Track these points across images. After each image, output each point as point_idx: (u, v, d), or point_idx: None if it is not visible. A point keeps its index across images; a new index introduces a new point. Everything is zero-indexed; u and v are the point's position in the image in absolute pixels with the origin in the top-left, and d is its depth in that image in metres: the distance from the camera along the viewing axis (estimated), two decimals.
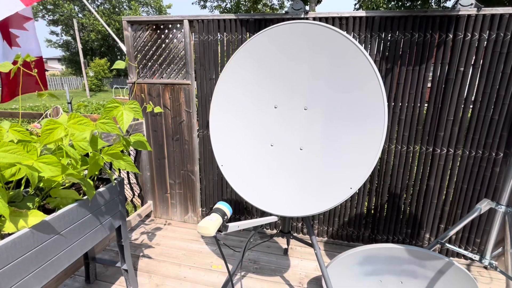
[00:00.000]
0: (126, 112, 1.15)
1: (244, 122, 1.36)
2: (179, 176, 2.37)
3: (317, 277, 1.83)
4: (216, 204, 0.73)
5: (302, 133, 1.24)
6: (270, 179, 1.30)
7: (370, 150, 1.07)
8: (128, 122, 1.12)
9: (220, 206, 0.71)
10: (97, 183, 1.46)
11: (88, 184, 1.17)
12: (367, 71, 1.07)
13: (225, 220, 0.69)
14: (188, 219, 2.47)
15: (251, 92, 1.34)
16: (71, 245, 1.15)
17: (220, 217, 0.68)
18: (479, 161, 1.80)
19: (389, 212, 2.05)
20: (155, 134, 2.31)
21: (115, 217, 1.43)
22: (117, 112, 1.13)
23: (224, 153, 1.39)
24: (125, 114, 1.13)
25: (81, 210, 1.18)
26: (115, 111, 1.14)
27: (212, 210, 0.71)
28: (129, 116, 1.14)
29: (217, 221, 0.66)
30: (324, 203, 1.14)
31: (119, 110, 1.14)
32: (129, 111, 1.16)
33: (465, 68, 1.68)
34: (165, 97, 2.20)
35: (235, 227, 0.76)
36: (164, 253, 2.04)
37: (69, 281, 1.72)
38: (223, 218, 0.69)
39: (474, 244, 1.96)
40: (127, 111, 1.15)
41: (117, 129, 1.07)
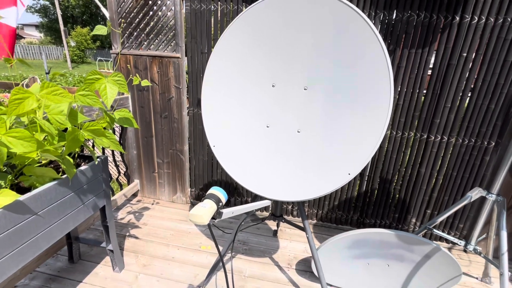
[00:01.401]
0: (109, 85, 1.03)
1: (239, 101, 1.27)
2: (167, 155, 2.28)
3: (305, 258, 1.86)
4: (210, 190, 0.66)
5: (300, 114, 1.18)
6: (264, 162, 1.24)
7: (371, 135, 1.03)
8: (113, 96, 1.01)
9: (214, 192, 0.65)
10: (79, 161, 1.36)
11: (67, 162, 1.07)
12: (374, 51, 0.99)
13: (219, 207, 0.63)
14: (176, 199, 2.42)
15: (248, 69, 1.24)
16: (50, 226, 1.07)
17: (214, 203, 0.62)
18: (471, 150, 1.81)
19: (378, 197, 2.06)
20: (142, 111, 2.18)
21: (99, 196, 1.35)
22: (99, 85, 1.01)
23: (216, 133, 1.30)
24: (108, 88, 1.01)
25: (61, 189, 1.09)
26: (97, 84, 1.02)
27: (205, 196, 0.65)
28: (113, 90, 1.03)
29: (211, 208, 0.60)
30: (320, 188, 1.10)
31: (101, 82, 1.02)
32: (113, 84, 1.04)
33: (468, 54, 1.63)
34: (152, 70, 2.05)
35: (229, 213, 0.70)
36: (152, 233, 2.00)
37: (51, 260, 1.66)
38: (218, 205, 0.63)
39: (457, 229, 2.03)
40: (111, 84, 1.04)
41: (99, 103, 0.97)
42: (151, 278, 1.60)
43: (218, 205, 0.63)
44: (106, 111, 1.10)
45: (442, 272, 1.44)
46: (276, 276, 1.68)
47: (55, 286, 1.49)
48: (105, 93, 1.00)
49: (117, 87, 1.07)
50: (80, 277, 1.56)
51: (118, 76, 1.07)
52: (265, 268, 1.74)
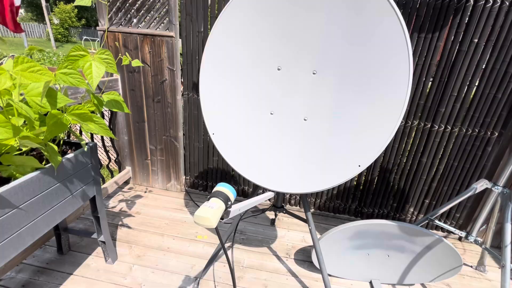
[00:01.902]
0: (95, 63, 0.91)
1: (241, 85, 1.17)
2: (160, 141, 2.17)
3: (304, 248, 1.83)
4: (216, 186, 0.58)
5: (307, 101, 1.09)
6: (268, 152, 1.16)
7: (384, 124, 0.96)
8: (99, 76, 0.90)
9: (222, 189, 0.57)
10: (65, 148, 1.25)
11: (51, 149, 0.96)
12: (394, 33, 0.90)
13: (228, 206, 0.56)
14: (170, 187, 2.34)
15: (252, 49, 1.13)
16: (35, 220, 0.98)
17: (222, 203, 0.54)
18: (474, 140, 1.78)
19: (378, 186, 2.04)
20: (133, 94, 2.04)
21: (88, 186, 1.26)
22: (84, 62, 0.89)
23: (216, 119, 1.21)
24: (94, 66, 0.89)
25: (45, 180, 0.99)
26: (81, 62, 0.90)
27: (211, 194, 0.56)
28: (99, 69, 0.91)
29: (219, 209, 0.52)
30: (328, 180, 1.04)
31: (86, 60, 0.90)
32: (99, 62, 0.92)
33: (479, 40, 1.55)
34: (144, 50, 1.90)
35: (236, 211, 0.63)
36: (145, 222, 1.93)
37: (39, 252, 1.57)
38: (226, 205, 0.55)
39: (454, 218, 2.03)
40: (97, 63, 0.92)
41: (84, 82, 0.85)
42: (146, 269, 1.54)
43: (227, 204, 0.55)
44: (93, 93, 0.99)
45: (443, 262, 1.43)
46: (274, 266, 1.65)
47: (43, 279, 1.41)
48: (90, 72, 0.88)
49: (104, 66, 0.95)
50: (71, 269, 1.49)
51: (106, 53, 0.95)
52: (263, 258, 1.70)
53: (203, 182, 2.31)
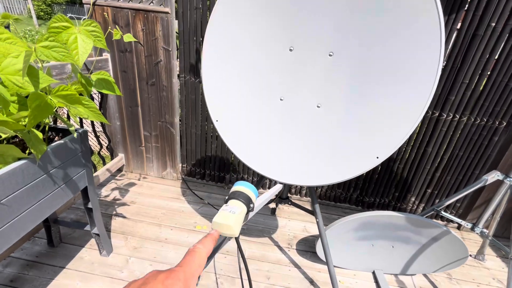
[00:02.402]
0: (82, 37, 0.78)
1: (249, 68, 1.06)
2: (155, 127, 2.05)
3: (305, 238, 1.80)
4: (235, 186, 0.49)
5: (321, 86, 1.00)
6: (277, 141, 1.07)
7: (408, 112, 0.88)
8: (86, 52, 0.77)
9: (242, 189, 0.47)
10: (51, 135, 1.13)
11: (34, 136, 0.85)
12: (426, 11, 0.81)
13: (250, 209, 0.47)
14: (166, 175, 2.24)
15: (260, 28, 1.02)
16: (19, 215, 0.88)
17: (244, 206, 0.45)
18: (481, 129, 1.74)
19: (380, 176, 2.00)
20: (125, 76, 1.89)
21: (79, 176, 1.15)
22: (67, 35, 0.76)
23: (220, 105, 1.10)
24: (80, 40, 0.77)
25: (29, 171, 0.89)
26: (64, 35, 0.77)
27: (230, 195, 0.47)
28: (86, 43, 0.79)
29: (241, 213, 0.43)
30: (342, 172, 0.97)
31: (71, 32, 0.77)
32: (86, 35, 0.79)
33: (496, 24, 1.47)
34: (136, 28, 1.74)
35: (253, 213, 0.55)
36: (141, 212, 1.85)
37: (28, 244, 1.48)
38: (249, 207, 0.47)
39: (454, 208, 2.03)
40: (84, 36, 0.79)
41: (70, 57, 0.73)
42: (144, 261, 1.48)
43: (249, 207, 0.47)
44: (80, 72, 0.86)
45: (448, 254, 1.42)
46: (277, 256, 1.62)
47: (34, 273, 1.33)
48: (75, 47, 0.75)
49: (92, 39, 0.82)
50: (63, 262, 1.40)
51: (93, 25, 0.82)
52: (265, 249, 1.66)
53: (201, 170, 2.22)
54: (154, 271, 0.29)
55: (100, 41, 0.83)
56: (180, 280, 0.28)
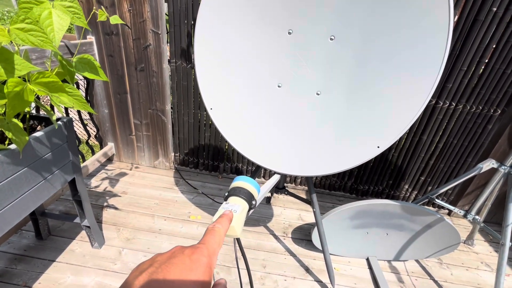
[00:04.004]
0: (57, 12, 0.70)
1: (244, 53, 1.00)
2: (146, 115, 1.97)
3: (300, 226, 1.80)
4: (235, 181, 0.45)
5: (323, 72, 0.95)
6: (274, 129, 1.03)
7: (410, 99, 0.85)
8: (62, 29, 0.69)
9: (243, 184, 0.43)
10: (33, 124, 1.06)
11: (14, 126, 0.78)
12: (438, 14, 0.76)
13: (252, 206, 0.43)
14: (158, 164, 2.19)
15: (257, 10, 0.95)
16: (1, 211, 0.82)
17: (246, 203, 0.42)
18: (476, 117, 1.74)
19: (375, 164, 2.00)
20: (112, 61, 1.79)
21: (66, 169, 1.09)
22: (40, 10, 0.68)
23: (214, 92, 1.05)
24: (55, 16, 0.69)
25: (10, 163, 0.82)
26: (36, 10, 0.69)
27: (230, 192, 0.43)
28: (62, 19, 0.71)
29: (243, 212, 0.40)
30: (342, 161, 0.94)
31: (44, 8, 0.69)
32: (62, 12, 0.71)
33: (498, 9, 1.43)
34: (122, 8, 1.62)
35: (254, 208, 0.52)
36: (133, 202, 1.80)
37: (15, 238, 1.42)
38: (250, 205, 0.43)
39: (445, 195, 2.07)
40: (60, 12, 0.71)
41: (49, 42, 0.66)
42: (137, 253, 1.45)
43: (251, 204, 0.43)
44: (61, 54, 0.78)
45: (441, 240, 1.44)
46: (272, 245, 1.62)
47: (22, 267, 1.28)
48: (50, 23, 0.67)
49: (69, 16, 0.74)
50: (53, 255, 1.36)
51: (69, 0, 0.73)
52: (260, 238, 1.66)
53: (194, 159, 2.17)
54: (179, 246, 0.30)
55: (79, 19, 0.75)
56: (205, 256, 0.29)
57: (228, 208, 0.39)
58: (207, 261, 0.28)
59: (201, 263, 0.28)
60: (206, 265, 0.28)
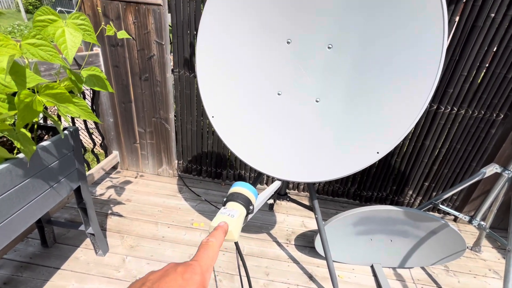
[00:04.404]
0: (70, 30, 0.74)
1: (244, 62, 1.03)
2: (150, 124, 2.01)
3: (303, 233, 1.79)
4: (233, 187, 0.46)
5: (321, 80, 0.97)
6: (275, 136, 1.05)
7: (408, 108, 0.86)
8: (75, 46, 0.73)
9: (241, 190, 0.45)
10: (41, 133, 1.09)
11: (22, 136, 0.81)
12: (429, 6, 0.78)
13: (250, 211, 0.45)
14: (162, 172, 2.21)
15: (256, 18, 0.98)
16: (8, 218, 0.84)
17: (243, 208, 0.43)
18: (478, 122, 1.73)
19: (378, 170, 1.99)
20: (117, 71, 1.84)
21: (71, 177, 1.12)
22: (54, 29, 0.72)
23: (215, 100, 1.07)
24: (68, 34, 0.73)
25: (18, 172, 0.85)
26: (51, 28, 0.72)
27: (228, 197, 0.45)
28: (75, 37, 0.74)
29: (240, 216, 0.41)
30: (342, 167, 0.95)
31: (57, 26, 0.73)
32: (74, 29, 0.75)
33: (496, 15, 1.45)
34: (127, 21, 1.68)
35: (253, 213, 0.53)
36: (137, 210, 1.82)
37: (21, 245, 1.45)
38: (248, 210, 0.44)
39: (451, 200, 2.04)
40: (72, 30, 0.75)
41: (59, 57, 0.69)
42: (140, 260, 1.45)
43: (249, 209, 0.45)
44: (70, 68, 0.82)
45: (446, 246, 1.42)
46: (275, 252, 1.61)
47: (28, 275, 1.30)
48: (63, 41, 0.71)
49: (81, 34, 0.78)
50: (57, 263, 1.38)
51: (81, 18, 0.77)
52: (263, 245, 1.65)
53: (197, 167, 2.19)
54: (172, 264, 0.30)
55: (89, 35, 0.79)
56: (197, 274, 0.29)
57: (226, 213, 0.40)
58: (200, 279, 0.28)
59: (194, 281, 0.28)
60: (199, 284, 0.28)
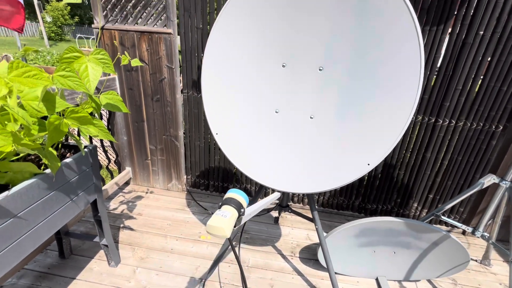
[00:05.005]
0: (91, 65, 0.87)
1: (245, 83, 1.14)
2: (160, 141, 2.14)
3: (308, 246, 1.82)
4: (227, 193, 0.55)
5: (314, 99, 1.06)
6: (274, 151, 1.13)
7: (394, 123, 0.93)
8: (96, 79, 0.86)
9: (234, 196, 0.54)
10: (63, 152, 1.21)
11: (50, 154, 0.93)
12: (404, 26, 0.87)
13: (241, 214, 0.53)
14: (172, 187, 2.31)
15: (255, 45, 1.10)
16: (35, 227, 0.95)
17: (235, 210, 0.51)
18: (478, 134, 1.76)
19: (382, 182, 2.02)
20: (131, 93, 2.00)
21: (89, 191, 1.22)
22: (79, 65, 0.85)
23: (219, 119, 1.18)
24: (90, 68, 0.86)
25: (44, 185, 0.96)
26: (76, 64, 0.86)
27: (223, 201, 0.54)
28: (96, 70, 0.87)
29: (232, 217, 0.49)
30: (337, 178, 1.01)
31: (81, 62, 0.86)
32: (95, 63, 0.88)
33: (485, 32, 1.52)
34: (141, 48, 1.85)
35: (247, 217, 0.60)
36: (148, 223, 1.90)
37: (40, 256, 1.55)
38: (239, 212, 0.53)
39: (457, 213, 2.03)
40: (94, 64, 0.88)
41: (83, 86, 0.81)
42: (150, 271, 1.52)
43: (240, 211, 0.53)
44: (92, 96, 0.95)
45: (450, 258, 1.42)
46: (280, 265, 1.64)
47: (46, 284, 1.39)
48: (86, 75, 0.84)
49: (101, 67, 0.91)
50: (73, 273, 1.46)
51: (101, 53, 0.91)
52: (268, 257, 1.69)
53: (205, 181, 2.28)
54: None
55: (108, 67, 0.92)
56: None
57: (220, 214, 0.49)
58: None
59: None
60: None
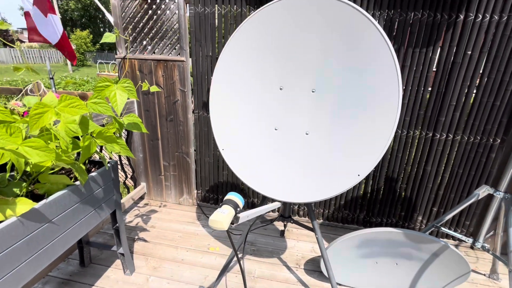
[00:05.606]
0: (119, 92, 1.05)
1: (247, 104, 1.29)
2: (173, 158, 2.30)
3: (313, 258, 1.87)
4: (227, 195, 0.68)
5: (308, 117, 1.19)
6: (274, 164, 1.25)
7: (380, 137, 1.04)
8: (123, 103, 1.03)
9: (232, 197, 0.67)
10: (89, 166, 1.38)
11: (80, 169, 1.09)
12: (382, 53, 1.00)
13: (237, 212, 0.65)
14: (183, 201, 2.44)
15: (256, 71, 1.25)
16: (64, 232, 1.09)
17: (232, 209, 0.64)
18: (476, 147, 1.82)
19: (384, 196, 2.07)
20: (148, 114, 2.20)
21: (110, 202, 1.37)
22: (109, 92, 1.03)
23: (225, 136, 1.32)
24: (118, 95, 1.03)
25: (74, 196, 1.11)
26: (106, 91, 1.03)
27: (223, 202, 0.66)
28: (123, 96, 1.04)
29: (229, 214, 0.62)
30: (331, 189, 1.11)
31: (111, 90, 1.04)
32: (122, 91, 1.06)
33: (472, 52, 1.63)
34: (157, 74, 2.07)
35: (245, 218, 0.72)
36: (160, 235, 2.02)
37: (63, 265, 1.68)
38: (236, 210, 0.65)
39: (464, 226, 2.03)
40: (121, 91, 1.05)
41: (110, 110, 0.98)
42: (162, 280, 1.62)
43: (236, 210, 0.65)
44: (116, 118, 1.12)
45: (451, 269, 1.45)
46: (285, 276, 1.70)
47: None
48: (115, 100, 1.01)
49: (127, 93, 1.08)
50: (92, 280, 1.58)
51: (127, 82, 1.08)
52: (274, 269, 1.75)
53: (214, 196, 2.40)
54: None
55: (132, 93, 1.09)
56: None
57: (220, 211, 0.61)
58: None
59: None
60: None
